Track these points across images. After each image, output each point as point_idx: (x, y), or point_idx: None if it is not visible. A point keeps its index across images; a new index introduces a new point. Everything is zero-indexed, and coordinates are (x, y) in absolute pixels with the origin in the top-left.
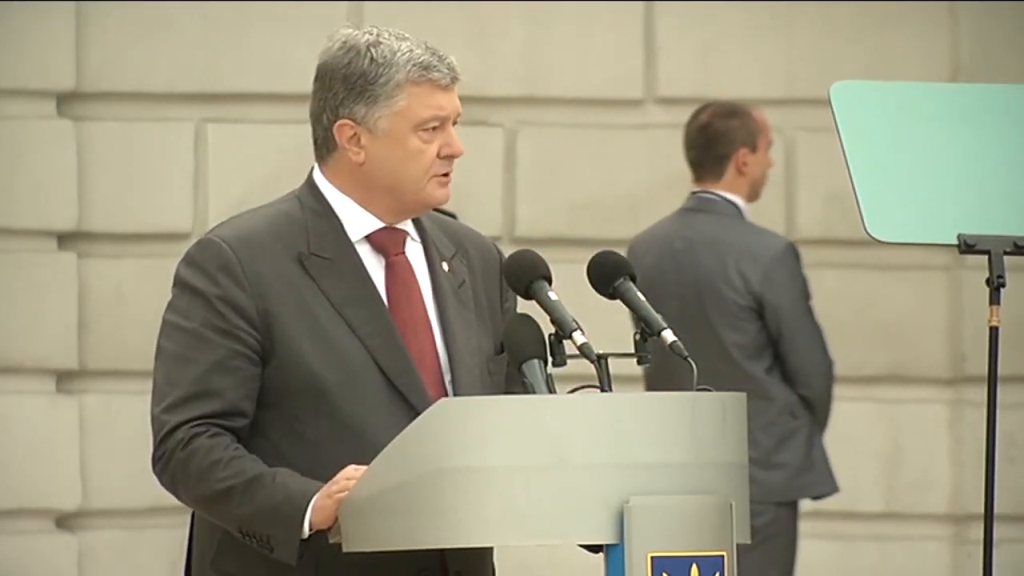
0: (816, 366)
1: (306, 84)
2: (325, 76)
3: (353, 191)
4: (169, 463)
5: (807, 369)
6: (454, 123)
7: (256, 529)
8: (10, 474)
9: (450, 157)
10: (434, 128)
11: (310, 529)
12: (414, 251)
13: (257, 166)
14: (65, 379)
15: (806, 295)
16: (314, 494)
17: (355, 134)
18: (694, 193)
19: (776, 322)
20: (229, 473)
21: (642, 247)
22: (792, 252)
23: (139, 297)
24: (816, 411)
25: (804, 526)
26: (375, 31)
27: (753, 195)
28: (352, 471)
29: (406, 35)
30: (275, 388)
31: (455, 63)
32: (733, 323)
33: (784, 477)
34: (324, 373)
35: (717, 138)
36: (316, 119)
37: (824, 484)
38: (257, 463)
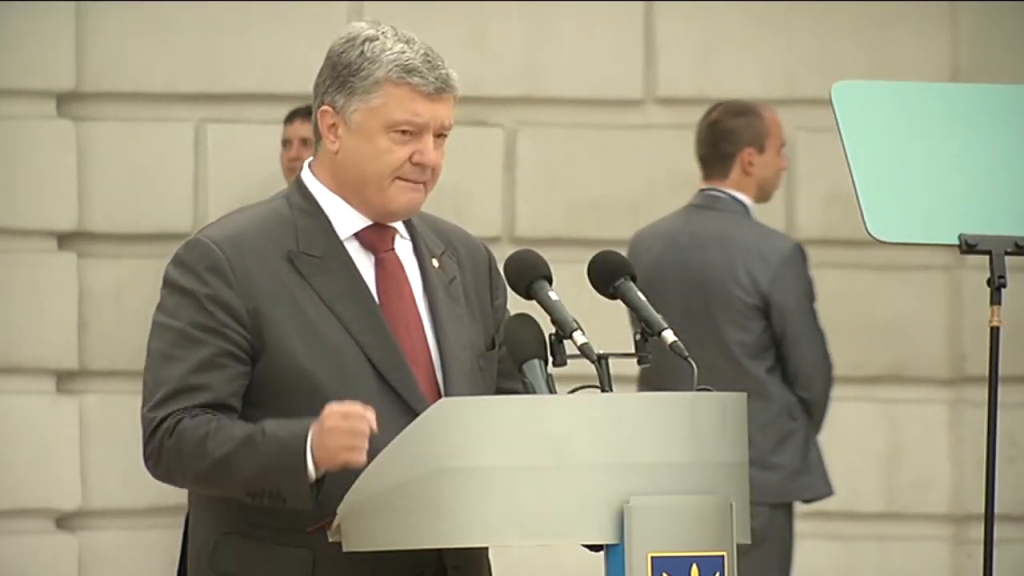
0: (817, 368)
1: (306, 84)
2: (324, 63)
3: (337, 186)
4: (161, 454)
5: (808, 371)
6: (440, 135)
7: (264, 487)
8: (10, 474)
9: (421, 165)
10: (407, 132)
11: (315, 469)
12: (404, 248)
13: (257, 166)
14: (65, 379)
15: (812, 297)
16: (307, 435)
17: (334, 123)
18: (702, 190)
19: (781, 323)
20: (219, 442)
21: (646, 242)
22: (800, 253)
23: (139, 297)
24: (813, 413)
25: (804, 526)
26: (381, 29)
27: (762, 196)
28: (336, 406)
29: (413, 38)
30: (268, 386)
31: (450, 75)
32: (738, 321)
33: (780, 478)
34: (317, 370)
35: (723, 136)
36: (314, 105)
37: (819, 487)
38: (242, 424)
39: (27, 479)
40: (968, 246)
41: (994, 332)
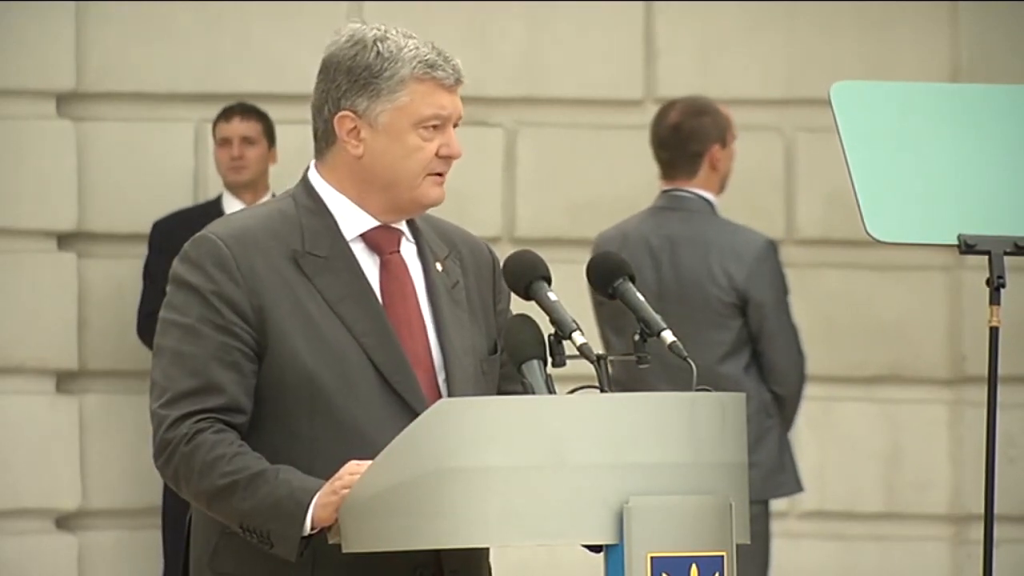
0: (793, 363)
1: (306, 84)
2: (329, 68)
3: (349, 188)
4: (172, 458)
5: (785, 367)
6: (456, 125)
7: (257, 524)
8: (10, 474)
9: (448, 158)
10: (434, 127)
11: (312, 526)
12: (408, 251)
13: None
14: (65, 379)
15: (786, 291)
16: (317, 491)
17: (355, 127)
18: (665, 191)
19: (759, 319)
20: (232, 468)
21: (613, 244)
22: (773, 249)
23: (139, 297)
24: (786, 408)
25: (804, 526)
26: (383, 27)
27: (722, 188)
28: (355, 466)
29: (412, 34)
30: (269, 385)
31: (460, 66)
32: (717, 320)
33: (758, 476)
34: (318, 370)
35: (691, 136)
36: (317, 111)
37: (793, 484)
38: (261, 460)
39: (27, 479)
40: (967, 246)
41: (993, 332)
